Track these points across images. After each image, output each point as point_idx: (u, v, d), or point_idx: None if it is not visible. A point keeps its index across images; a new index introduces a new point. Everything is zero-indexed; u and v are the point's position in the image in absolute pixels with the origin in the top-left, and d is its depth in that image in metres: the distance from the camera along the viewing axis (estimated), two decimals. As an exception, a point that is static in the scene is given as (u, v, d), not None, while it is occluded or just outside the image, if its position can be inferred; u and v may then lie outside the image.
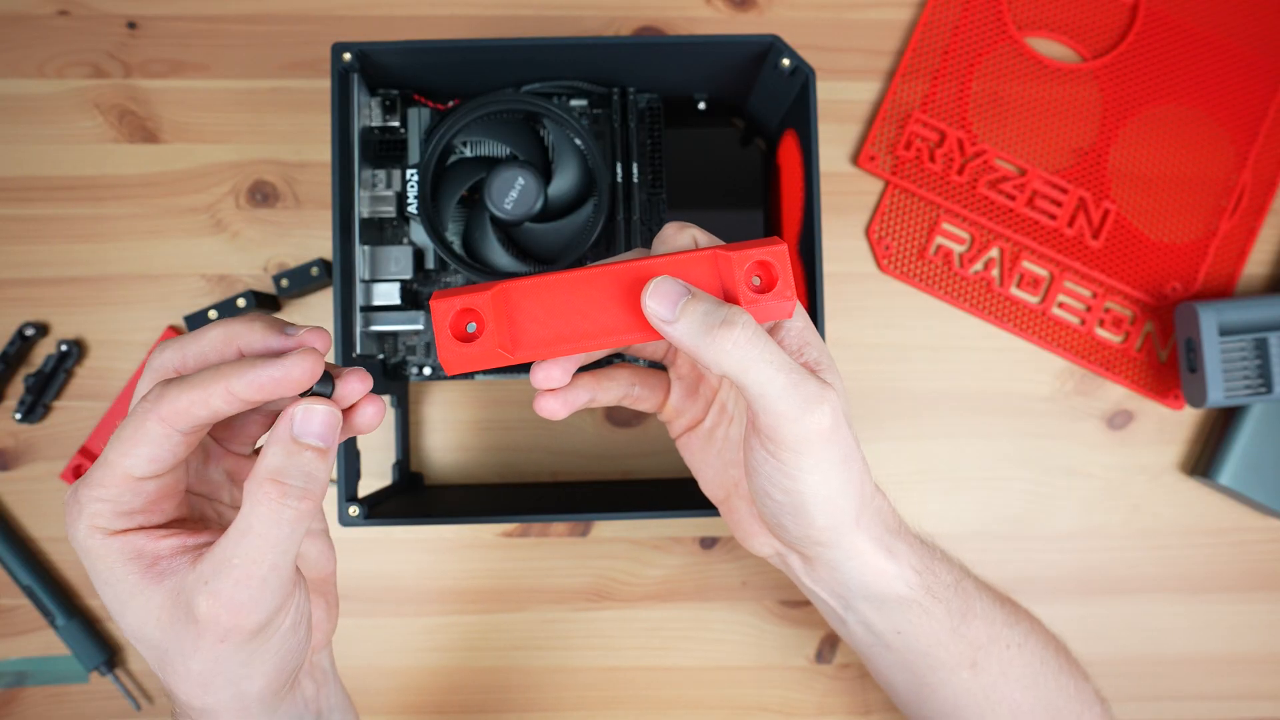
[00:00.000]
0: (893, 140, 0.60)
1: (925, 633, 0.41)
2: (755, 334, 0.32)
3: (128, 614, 0.31)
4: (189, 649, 0.30)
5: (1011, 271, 0.60)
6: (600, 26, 0.61)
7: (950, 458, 0.60)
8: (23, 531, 0.58)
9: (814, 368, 0.35)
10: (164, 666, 0.31)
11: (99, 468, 0.31)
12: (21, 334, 0.57)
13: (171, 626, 0.30)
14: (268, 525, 0.29)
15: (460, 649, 0.59)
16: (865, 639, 0.42)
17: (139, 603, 0.31)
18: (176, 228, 0.59)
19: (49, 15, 0.59)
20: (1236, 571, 0.60)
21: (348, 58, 0.48)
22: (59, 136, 0.59)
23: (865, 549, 0.38)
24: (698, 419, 0.43)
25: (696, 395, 0.42)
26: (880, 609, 0.40)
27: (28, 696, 0.58)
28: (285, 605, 0.31)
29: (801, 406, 0.33)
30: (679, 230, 0.36)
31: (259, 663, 0.31)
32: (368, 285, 0.51)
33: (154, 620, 0.31)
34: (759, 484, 0.36)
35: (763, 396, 0.33)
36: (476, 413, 0.59)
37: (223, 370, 0.30)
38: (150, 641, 0.31)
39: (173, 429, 0.30)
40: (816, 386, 0.33)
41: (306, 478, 0.30)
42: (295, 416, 0.30)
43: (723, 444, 0.42)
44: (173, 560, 0.31)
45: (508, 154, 0.52)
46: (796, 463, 0.34)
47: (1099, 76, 0.61)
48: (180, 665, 0.31)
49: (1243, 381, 0.56)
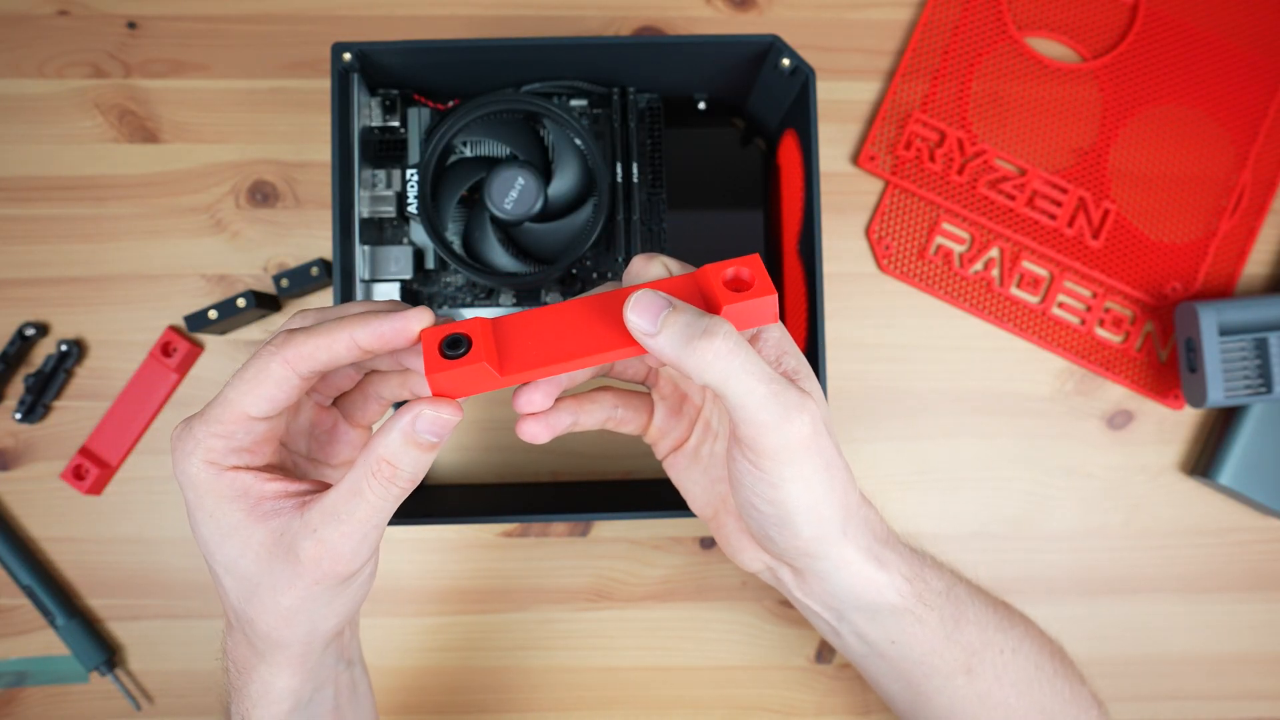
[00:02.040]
0: (893, 140, 0.60)
1: (919, 641, 0.41)
2: (736, 344, 0.32)
3: (226, 545, 0.33)
4: (283, 585, 0.33)
5: (1011, 271, 0.60)
6: (600, 26, 0.61)
7: (950, 458, 0.60)
8: (23, 531, 0.58)
9: (792, 376, 0.35)
10: (251, 598, 0.34)
11: (216, 405, 0.33)
12: (21, 334, 0.57)
13: (270, 562, 0.33)
14: (377, 495, 0.32)
15: (460, 649, 0.59)
16: (859, 649, 0.42)
17: (241, 537, 0.33)
18: (176, 228, 0.59)
19: (49, 15, 0.59)
20: (1236, 571, 0.60)
21: (348, 58, 0.48)
22: (59, 136, 0.59)
23: (854, 559, 0.38)
24: (682, 439, 0.43)
25: (680, 415, 0.43)
26: (873, 619, 0.40)
27: (27, 696, 0.58)
28: (370, 560, 0.34)
29: (782, 415, 0.33)
30: (647, 261, 0.36)
31: (339, 604, 0.35)
32: (368, 285, 0.51)
33: (252, 555, 0.33)
34: (744, 496, 0.36)
35: (744, 407, 0.33)
36: (476, 413, 0.59)
37: (347, 320, 0.33)
38: (243, 574, 0.34)
39: (293, 372, 0.33)
40: (796, 395, 0.33)
41: (415, 467, 0.33)
42: (422, 413, 0.32)
43: (708, 461, 0.42)
44: (276, 502, 0.33)
45: (508, 154, 0.52)
46: (779, 472, 0.34)
47: (1099, 76, 0.61)
48: (270, 599, 0.34)
49: (1243, 381, 0.56)
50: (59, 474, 0.58)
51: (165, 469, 0.58)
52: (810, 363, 0.48)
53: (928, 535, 0.59)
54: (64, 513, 0.58)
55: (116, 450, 0.58)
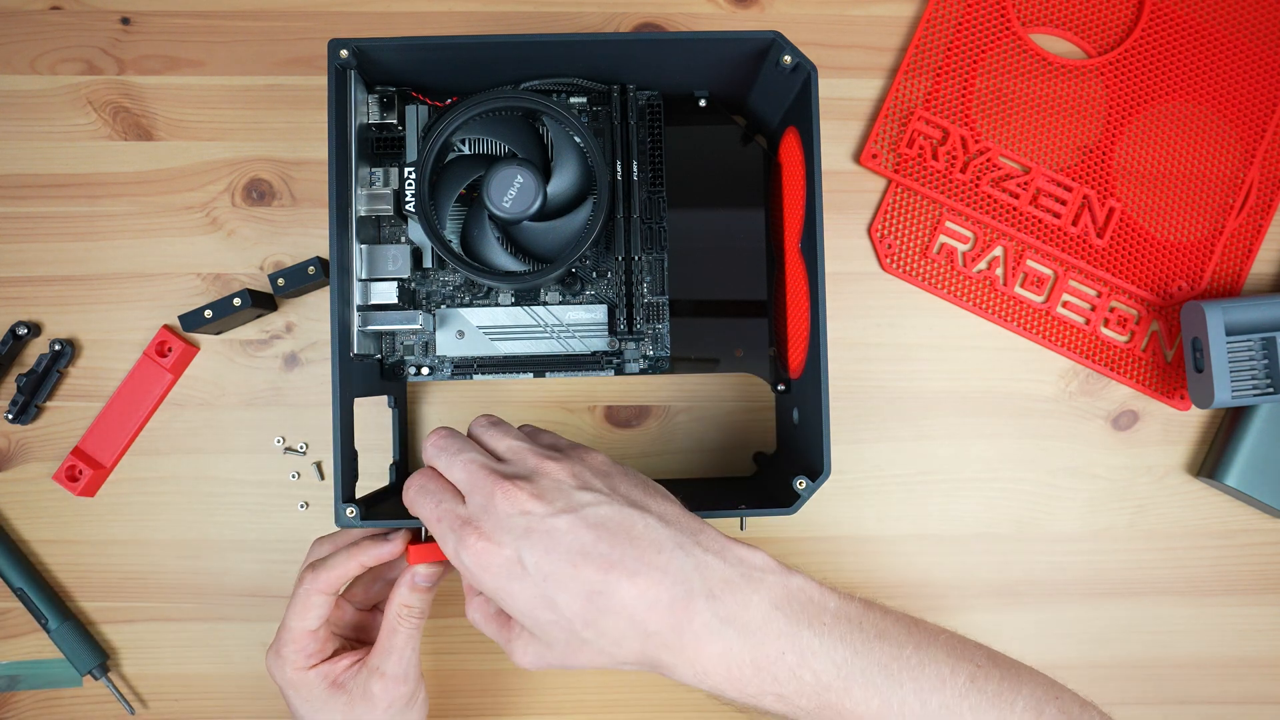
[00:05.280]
0: (895, 138, 0.60)
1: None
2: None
3: (320, 715, 0.47)
4: (367, 716, 0.47)
5: (1015, 270, 0.60)
6: (600, 23, 0.60)
7: (954, 458, 0.59)
8: (15, 534, 0.58)
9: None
10: None
11: (284, 631, 0.48)
12: (14, 333, 0.57)
13: (352, 710, 0.47)
14: (407, 628, 0.47)
15: (460, 651, 0.58)
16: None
17: (330, 707, 0.47)
18: (171, 226, 0.58)
19: (42, 10, 0.59)
20: (1243, 574, 0.59)
21: (345, 54, 0.47)
22: (52, 133, 0.58)
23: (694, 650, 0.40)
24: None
25: None
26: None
27: (20, 701, 0.57)
28: (420, 683, 0.49)
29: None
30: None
31: (414, 713, 0.49)
32: (365, 284, 0.50)
33: (343, 708, 0.47)
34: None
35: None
36: (474, 413, 0.58)
37: (353, 550, 0.47)
38: (341, 713, 0.47)
39: (326, 594, 0.47)
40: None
41: (423, 603, 0.47)
42: (418, 573, 0.47)
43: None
44: (344, 674, 0.48)
45: (506, 152, 0.51)
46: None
47: (1104, 73, 0.60)
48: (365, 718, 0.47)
49: (1250, 382, 0.56)
50: (51, 475, 0.57)
51: (160, 470, 0.58)
52: (813, 363, 0.48)
53: (931, 537, 0.59)
54: (57, 515, 0.58)
55: (110, 451, 0.57)
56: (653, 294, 0.54)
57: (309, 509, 0.58)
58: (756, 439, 0.59)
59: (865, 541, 0.59)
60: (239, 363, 0.58)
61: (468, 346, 0.54)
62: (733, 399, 0.59)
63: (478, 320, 0.54)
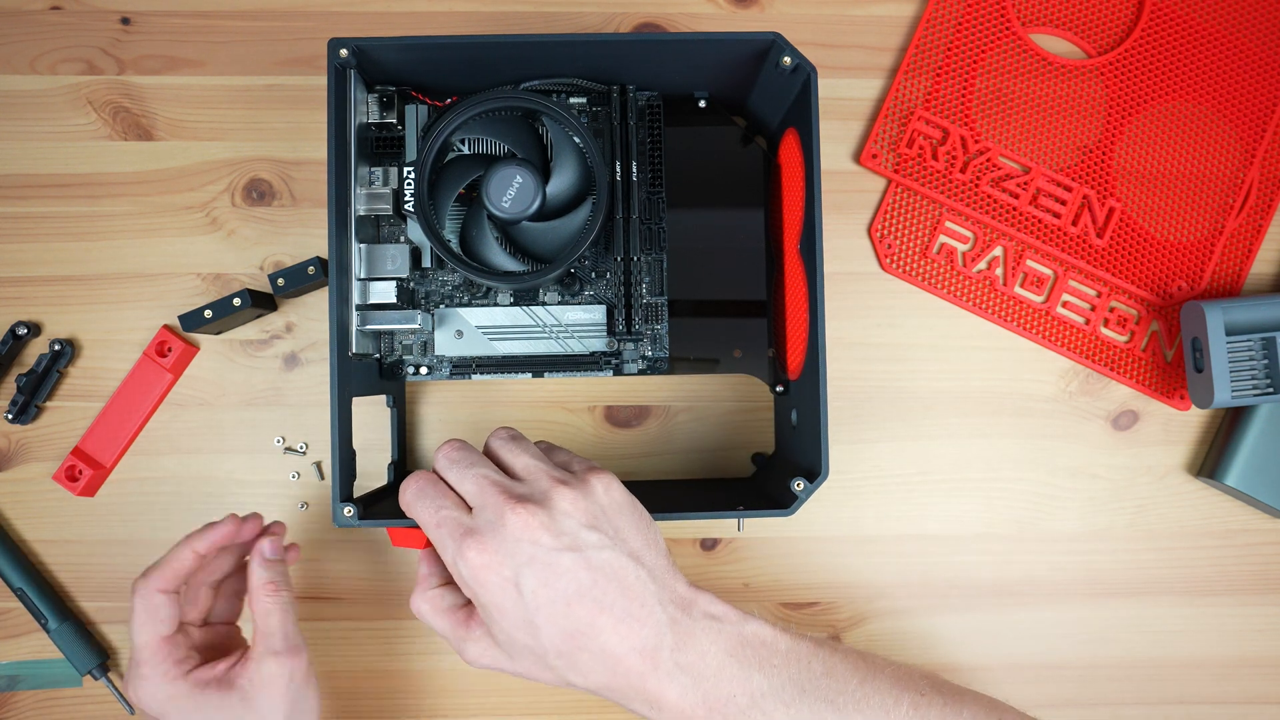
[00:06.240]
0: (895, 138, 0.60)
1: None
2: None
3: (217, 714, 0.46)
4: (266, 697, 0.46)
5: (1015, 270, 0.60)
6: (600, 23, 0.60)
7: (953, 458, 0.59)
8: (15, 534, 0.58)
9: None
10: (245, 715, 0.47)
11: (138, 650, 0.47)
12: (13, 333, 0.57)
13: (250, 704, 0.46)
14: (282, 605, 0.47)
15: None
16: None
17: (223, 710, 0.46)
18: (171, 226, 0.58)
19: (41, 10, 0.59)
20: (1243, 574, 0.59)
21: (344, 54, 0.47)
22: (52, 133, 0.58)
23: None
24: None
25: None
26: None
27: (20, 701, 0.57)
28: (309, 656, 0.48)
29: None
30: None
31: (311, 690, 0.48)
32: (364, 284, 0.50)
33: (238, 706, 0.46)
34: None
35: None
36: (473, 413, 0.59)
37: (184, 541, 0.48)
38: (235, 714, 0.46)
39: (166, 593, 0.47)
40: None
41: (283, 575, 0.48)
42: (263, 548, 0.48)
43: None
44: (231, 673, 0.47)
45: (506, 152, 0.51)
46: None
47: (1104, 73, 0.60)
48: (267, 710, 0.47)
49: (1250, 382, 0.56)
50: (51, 475, 0.57)
51: (160, 470, 0.58)
52: (811, 365, 0.48)
53: (931, 537, 0.59)
54: (57, 515, 0.58)
55: (110, 451, 0.57)
56: (651, 294, 0.54)
57: (309, 509, 0.58)
58: (755, 440, 0.59)
59: (865, 541, 0.59)
60: (239, 363, 0.58)
61: (466, 346, 0.54)
62: (731, 400, 0.59)
63: (476, 320, 0.54)
